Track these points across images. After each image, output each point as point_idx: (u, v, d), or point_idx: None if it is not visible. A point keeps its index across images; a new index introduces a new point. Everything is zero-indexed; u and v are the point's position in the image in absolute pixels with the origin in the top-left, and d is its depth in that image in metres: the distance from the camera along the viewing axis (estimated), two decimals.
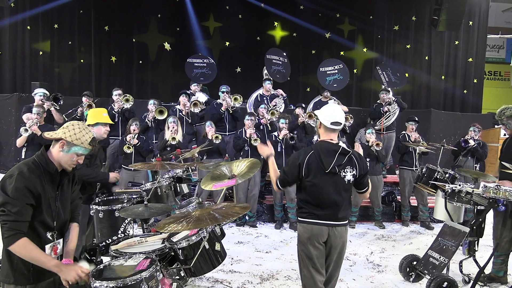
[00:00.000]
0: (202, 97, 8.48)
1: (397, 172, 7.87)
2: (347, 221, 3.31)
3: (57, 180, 2.57)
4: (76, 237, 2.75)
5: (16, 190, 2.34)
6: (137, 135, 6.64)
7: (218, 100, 7.96)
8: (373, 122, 8.39)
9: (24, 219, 2.36)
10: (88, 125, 4.13)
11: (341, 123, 3.24)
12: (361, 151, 3.50)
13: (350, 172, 3.21)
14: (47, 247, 2.53)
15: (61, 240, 2.63)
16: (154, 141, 7.32)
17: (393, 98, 8.44)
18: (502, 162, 4.74)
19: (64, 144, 2.51)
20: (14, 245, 2.33)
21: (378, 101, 8.64)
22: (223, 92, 7.91)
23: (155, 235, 3.29)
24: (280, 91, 8.43)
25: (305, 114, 7.64)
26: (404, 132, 7.57)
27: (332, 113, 3.23)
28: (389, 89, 8.76)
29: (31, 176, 2.41)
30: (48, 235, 2.54)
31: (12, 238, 2.32)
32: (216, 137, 6.92)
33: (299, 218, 3.29)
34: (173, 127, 6.82)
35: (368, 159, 7.03)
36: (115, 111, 7.41)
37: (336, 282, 3.36)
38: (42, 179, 2.46)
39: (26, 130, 6.07)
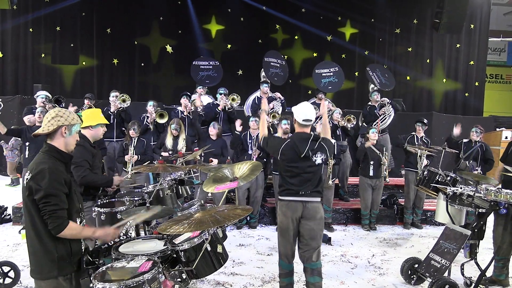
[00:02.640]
0: (206, 100, 8.48)
1: (403, 172, 7.85)
2: (319, 199, 3.92)
3: (68, 168, 2.74)
4: None
5: (53, 182, 2.50)
6: (137, 139, 6.65)
7: (215, 101, 7.99)
8: (368, 125, 8.30)
9: (66, 207, 2.57)
10: (88, 126, 4.11)
11: (311, 120, 3.93)
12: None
13: (320, 156, 3.88)
14: None
15: (84, 221, 2.85)
16: (152, 143, 7.31)
17: (387, 100, 8.40)
18: (505, 166, 4.74)
19: (65, 128, 2.67)
20: (65, 230, 2.53)
21: (369, 103, 8.55)
22: (220, 94, 7.94)
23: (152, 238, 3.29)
24: (278, 94, 8.42)
25: None
26: (413, 133, 7.54)
27: (303, 112, 3.90)
28: (378, 90, 8.68)
29: (59, 168, 2.59)
30: (78, 219, 2.75)
31: (61, 225, 2.51)
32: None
33: (279, 196, 3.96)
34: (175, 133, 6.86)
35: (372, 162, 7.04)
36: (111, 112, 7.41)
37: (313, 253, 3.88)
38: (63, 169, 2.65)
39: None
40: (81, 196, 2.87)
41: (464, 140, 7.32)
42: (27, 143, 6.26)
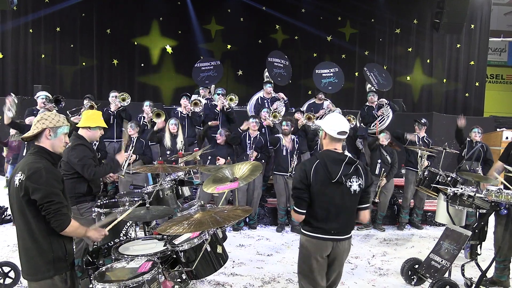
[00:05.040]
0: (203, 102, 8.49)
1: (403, 171, 7.85)
2: (351, 234, 3.21)
3: (56, 167, 2.76)
4: None
5: (51, 180, 2.54)
6: (136, 139, 6.66)
7: (213, 102, 7.99)
8: (366, 126, 8.28)
9: (66, 204, 2.63)
10: (86, 127, 4.12)
11: (347, 132, 3.17)
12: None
13: (356, 182, 3.10)
14: None
15: None
16: (150, 143, 7.28)
17: (386, 101, 8.37)
18: (507, 167, 4.72)
19: (50, 131, 2.69)
20: (69, 227, 2.58)
21: (367, 104, 8.49)
22: (218, 94, 7.96)
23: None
24: (281, 95, 8.42)
25: (303, 116, 7.65)
26: (415, 133, 7.52)
27: (337, 123, 3.15)
28: (375, 90, 8.66)
29: (52, 167, 2.63)
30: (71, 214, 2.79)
31: (64, 222, 2.56)
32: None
33: (303, 230, 3.20)
34: (173, 129, 6.86)
35: (379, 161, 7.04)
36: (111, 111, 7.42)
37: None
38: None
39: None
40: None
41: (468, 139, 7.32)
42: (25, 142, 6.34)
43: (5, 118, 6.26)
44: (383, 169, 7.07)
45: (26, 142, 6.23)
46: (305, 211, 3.09)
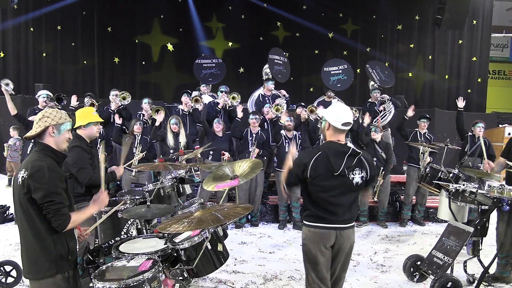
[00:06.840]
0: (207, 98, 8.48)
1: (405, 168, 7.84)
2: (353, 223, 3.20)
3: (61, 165, 2.73)
4: None
5: (53, 180, 2.52)
6: (140, 137, 6.65)
7: (216, 100, 7.99)
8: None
9: (67, 203, 2.61)
10: (79, 126, 4.10)
11: (351, 123, 3.13)
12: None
13: (359, 174, 3.07)
14: None
15: None
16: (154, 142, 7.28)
17: (388, 97, 8.36)
18: (509, 163, 4.70)
19: (53, 128, 2.65)
20: (69, 224, 2.57)
21: (369, 100, 8.51)
22: (221, 92, 7.95)
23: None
24: (282, 92, 8.40)
25: (306, 110, 7.63)
26: (416, 129, 7.50)
27: (341, 113, 3.09)
28: (378, 87, 8.63)
29: (56, 165, 2.61)
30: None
31: (65, 221, 2.54)
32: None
33: (305, 222, 3.18)
34: (175, 129, 6.85)
35: (375, 159, 7.00)
36: (111, 110, 7.42)
37: (343, 283, 3.31)
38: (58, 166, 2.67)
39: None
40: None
41: (469, 134, 7.28)
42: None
43: (10, 108, 6.29)
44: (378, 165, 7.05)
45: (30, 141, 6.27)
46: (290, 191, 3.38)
